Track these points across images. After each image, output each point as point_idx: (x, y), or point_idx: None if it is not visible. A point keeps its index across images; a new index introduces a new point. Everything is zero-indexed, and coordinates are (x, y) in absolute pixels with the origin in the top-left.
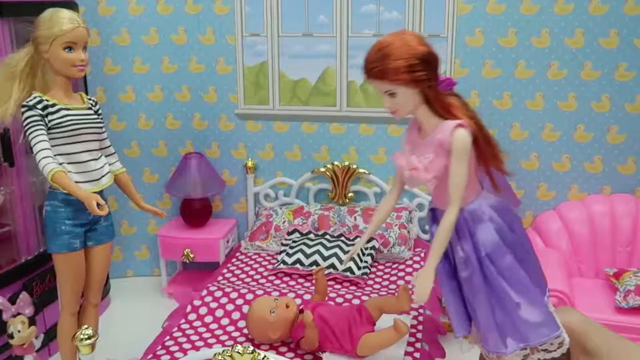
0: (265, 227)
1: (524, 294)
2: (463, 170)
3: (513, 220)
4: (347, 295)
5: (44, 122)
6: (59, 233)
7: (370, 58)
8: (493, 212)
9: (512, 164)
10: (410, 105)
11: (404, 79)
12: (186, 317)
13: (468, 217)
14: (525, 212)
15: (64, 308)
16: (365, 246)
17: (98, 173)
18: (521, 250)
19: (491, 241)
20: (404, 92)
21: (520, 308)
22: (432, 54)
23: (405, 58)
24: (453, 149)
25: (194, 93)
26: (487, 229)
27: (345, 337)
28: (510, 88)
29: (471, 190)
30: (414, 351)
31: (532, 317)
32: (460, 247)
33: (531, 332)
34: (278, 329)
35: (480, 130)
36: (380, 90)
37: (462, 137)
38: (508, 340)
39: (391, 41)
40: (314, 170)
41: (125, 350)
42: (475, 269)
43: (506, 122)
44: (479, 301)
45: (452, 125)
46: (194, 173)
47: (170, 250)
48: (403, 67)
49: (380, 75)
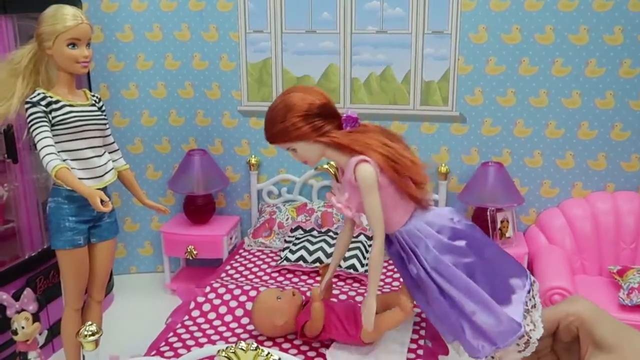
0: (269, 224)
1: (478, 301)
2: (374, 201)
3: (457, 231)
4: (351, 292)
5: (47, 119)
6: (62, 229)
7: (265, 125)
8: (429, 228)
9: (516, 161)
10: (315, 153)
11: (291, 137)
12: (189, 314)
13: (407, 237)
14: (529, 209)
15: (68, 304)
16: (369, 243)
17: (102, 169)
18: (473, 257)
19: (432, 256)
20: (301, 146)
21: (475, 314)
22: (315, 106)
23: (284, 121)
24: (359, 185)
25: (197, 90)
26: (425, 246)
27: (351, 321)
28: (514, 85)
29: (401, 213)
30: (417, 348)
31: (490, 322)
32: (411, 266)
33: (495, 336)
34: (284, 314)
35: (387, 159)
36: (283, 149)
37: (364, 172)
38: (480, 344)
39: (274, 106)
40: (318, 167)
41: (128, 346)
42: (429, 284)
43: (510, 119)
44: (443, 313)
45: (354, 162)
46: (197, 170)
47: (173, 247)
48: (284, 129)
49: (271, 139)
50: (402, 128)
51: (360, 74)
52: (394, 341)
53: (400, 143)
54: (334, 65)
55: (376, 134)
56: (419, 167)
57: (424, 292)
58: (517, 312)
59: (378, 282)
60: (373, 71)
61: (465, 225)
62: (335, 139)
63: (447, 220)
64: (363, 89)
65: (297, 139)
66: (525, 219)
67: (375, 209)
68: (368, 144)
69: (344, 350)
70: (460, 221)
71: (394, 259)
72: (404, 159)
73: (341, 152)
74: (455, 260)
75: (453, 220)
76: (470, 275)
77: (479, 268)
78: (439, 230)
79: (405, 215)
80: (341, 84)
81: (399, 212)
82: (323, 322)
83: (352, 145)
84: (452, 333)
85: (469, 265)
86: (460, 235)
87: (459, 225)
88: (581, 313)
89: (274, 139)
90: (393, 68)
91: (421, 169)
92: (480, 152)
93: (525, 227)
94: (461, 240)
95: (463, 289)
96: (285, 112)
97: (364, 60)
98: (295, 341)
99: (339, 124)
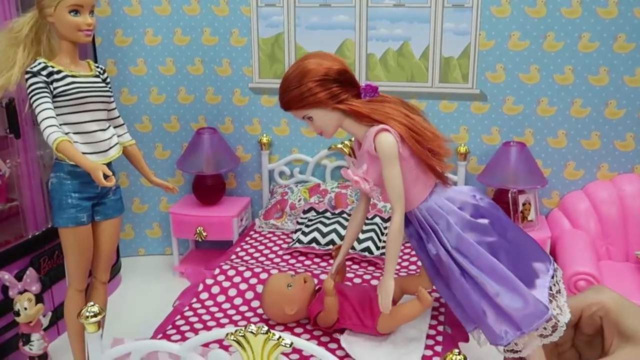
0: (280, 205)
1: (502, 282)
2: (395, 173)
3: (480, 208)
4: (366, 275)
5: (48, 90)
6: (65, 206)
7: (279, 92)
8: (450, 204)
9: (539, 141)
10: (332, 122)
11: (307, 103)
12: (198, 296)
13: (427, 214)
14: (552, 192)
15: (71, 285)
16: (384, 225)
17: (106, 144)
18: (496, 237)
19: (454, 234)
20: (317, 113)
21: (499, 296)
22: (332, 71)
23: (300, 86)
24: (380, 156)
25: (207, 66)
26: (446, 223)
27: (366, 311)
28: (538, 61)
29: (421, 189)
30: (436, 334)
31: (515, 304)
32: (430, 246)
33: (520, 319)
34: (295, 303)
35: (409, 129)
36: (298, 118)
37: (384, 142)
38: (502, 330)
39: (290, 72)
40: (331, 146)
41: (135, 329)
42: (449, 264)
43: (533, 97)
44: (464, 296)
45: (374, 132)
46: (207, 149)
47: (182, 229)
48: (300, 94)
49: (286, 106)
50: (420, 106)
51: (377, 49)
52: (411, 327)
53: (420, 116)
54: (349, 41)
55: (396, 104)
56: (441, 139)
57: (444, 274)
58: (542, 295)
59: (396, 260)
60: (390, 47)
61: (488, 204)
62: (354, 106)
63: (469, 197)
64: (379, 65)
65: (314, 105)
66: (547, 202)
67: (395, 181)
68: (388, 113)
69: (359, 336)
70: (483, 199)
71: (412, 239)
72: (425, 130)
73: (360, 121)
74: (479, 239)
75: (475, 198)
76: (494, 255)
77: (502, 249)
78: (461, 207)
79: (425, 190)
80: (356, 60)
81: (419, 187)
82: (337, 314)
83: (371, 114)
84: (473, 319)
85: (492, 245)
86: (483, 213)
87: (482, 202)
88: (606, 303)
89: (289, 105)
90: (411, 43)
91: (443, 142)
92: (502, 132)
93: (548, 210)
94: (484, 219)
95: (486, 269)
96: (301, 77)
97: (381, 35)
98: (308, 326)
99: (357, 93)
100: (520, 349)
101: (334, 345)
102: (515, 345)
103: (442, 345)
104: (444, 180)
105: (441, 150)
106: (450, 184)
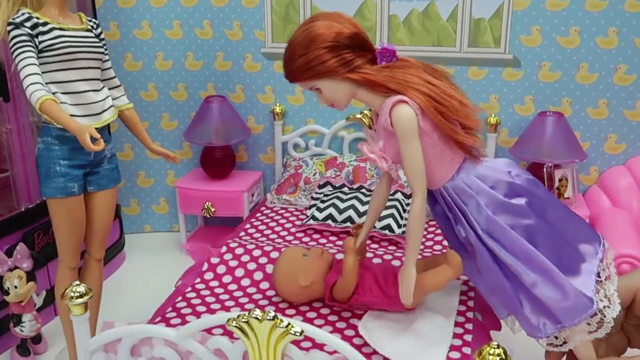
0: (294, 179)
1: (540, 271)
2: (414, 151)
3: (515, 186)
4: (386, 255)
5: (33, 43)
6: (52, 175)
7: (283, 61)
8: (481, 183)
9: (578, 112)
10: (343, 94)
11: (315, 73)
12: (202, 276)
13: (454, 194)
14: (589, 168)
15: (62, 262)
16: (406, 202)
17: (99, 106)
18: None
19: (484, 217)
20: (326, 84)
21: (537, 286)
22: (343, 35)
23: (306, 53)
24: (396, 131)
25: (216, 29)
26: (475, 204)
27: (389, 280)
28: (579, 22)
29: (446, 166)
30: (465, 321)
31: (554, 296)
32: (459, 228)
33: (560, 312)
34: (309, 273)
35: (431, 99)
36: (306, 89)
37: (402, 115)
38: (541, 322)
39: (295, 37)
40: (349, 117)
41: (136, 311)
42: (480, 249)
43: (572, 63)
44: (496, 283)
45: (389, 104)
46: (216, 118)
47: (189, 204)
48: (306, 63)
49: (291, 76)
50: None
51: (400, 10)
52: (437, 313)
53: (446, 80)
54: (369, 1)
55: (417, 69)
56: (469, 109)
57: (474, 258)
58: (587, 284)
59: (418, 247)
60: (414, 7)
61: (526, 180)
62: (368, 75)
63: (504, 173)
64: (402, 27)
65: (322, 75)
66: (584, 178)
67: (415, 160)
68: (407, 81)
69: (379, 320)
70: (520, 175)
71: (439, 219)
72: (450, 99)
73: (375, 92)
74: (513, 222)
75: (511, 174)
76: (531, 239)
77: (540, 231)
78: (493, 186)
79: (451, 168)
80: (378, 22)
81: (444, 164)
82: (357, 279)
83: (387, 83)
84: (507, 307)
85: (529, 228)
86: (520, 191)
87: (518, 180)
88: None
89: (295, 75)
90: (437, 3)
91: (472, 112)
92: (536, 102)
93: (585, 187)
94: (520, 198)
95: (522, 256)
96: (308, 43)
97: None
98: (322, 310)
99: (373, 58)
100: (560, 342)
101: (350, 332)
102: (555, 339)
103: (472, 334)
104: (473, 155)
105: (470, 121)
106: (481, 158)
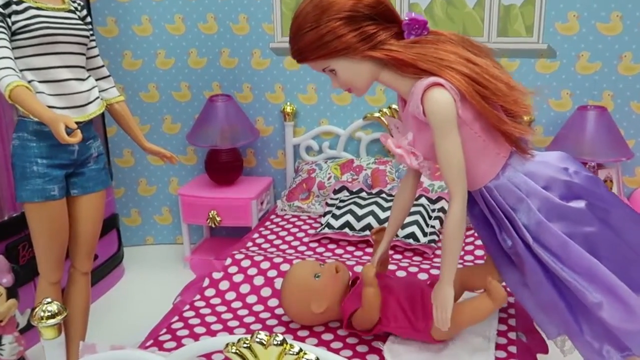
0: (307, 184)
1: (605, 290)
2: (452, 144)
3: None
4: (411, 267)
5: (5, 24)
6: (29, 175)
7: (290, 36)
8: (532, 182)
9: (620, 106)
10: (363, 76)
11: (329, 50)
12: (202, 293)
13: (497, 196)
14: (635, 168)
15: (42, 276)
16: (432, 207)
17: (83, 97)
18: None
19: (536, 223)
20: (342, 65)
21: (602, 309)
22: (363, 4)
23: (318, 26)
24: (430, 121)
25: (221, 23)
26: (526, 208)
27: (417, 310)
28: (621, 7)
29: (490, 163)
30: (507, 343)
31: (622, 317)
32: (503, 236)
33: (629, 338)
34: (323, 299)
35: (472, 81)
36: (317, 70)
37: (436, 101)
38: (604, 348)
39: (304, 6)
40: (367, 116)
41: (134, 330)
42: (529, 261)
43: (613, 52)
44: (549, 302)
45: (421, 88)
46: (221, 119)
47: (193, 213)
48: (318, 39)
49: (299, 55)
50: None
51: None
52: (475, 334)
53: (488, 58)
54: None
55: (453, 44)
56: (518, 92)
57: (521, 271)
58: None
59: (456, 263)
60: None
61: (585, 178)
62: (394, 52)
63: (559, 170)
64: (424, 17)
65: (338, 53)
66: (629, 180)
67: (453, 155)
68: (442, 59)
69: (407, 345)
70: (579, 173)
71: (478, 223)
72: (495, 81)
73: (402, 73)
74: (571, 230)
75: (567, 172)
76: (592, 251)
77: (604, 241)
78: (547, 186)
79: (496, 164)
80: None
81: (487, 160)
82: (379, 312)
83: (418, 62)
84: (560, 326)
85: (590, 237)
86: (579, 192)
87: (577, 178)
88: None
89: (304, 54)
90: None
91: (521, 95)
92: (574, 96)
93: (630, 190)
94: (580, 201)
95: (584, 272)
96: (320, 13)
97: None
98: (340, 331)
99: (399, 32)
100: None
101: (374, 357)
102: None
103: (516, 359)
104: (522, 148)
105: (519, 107)
106: (531, 153)
